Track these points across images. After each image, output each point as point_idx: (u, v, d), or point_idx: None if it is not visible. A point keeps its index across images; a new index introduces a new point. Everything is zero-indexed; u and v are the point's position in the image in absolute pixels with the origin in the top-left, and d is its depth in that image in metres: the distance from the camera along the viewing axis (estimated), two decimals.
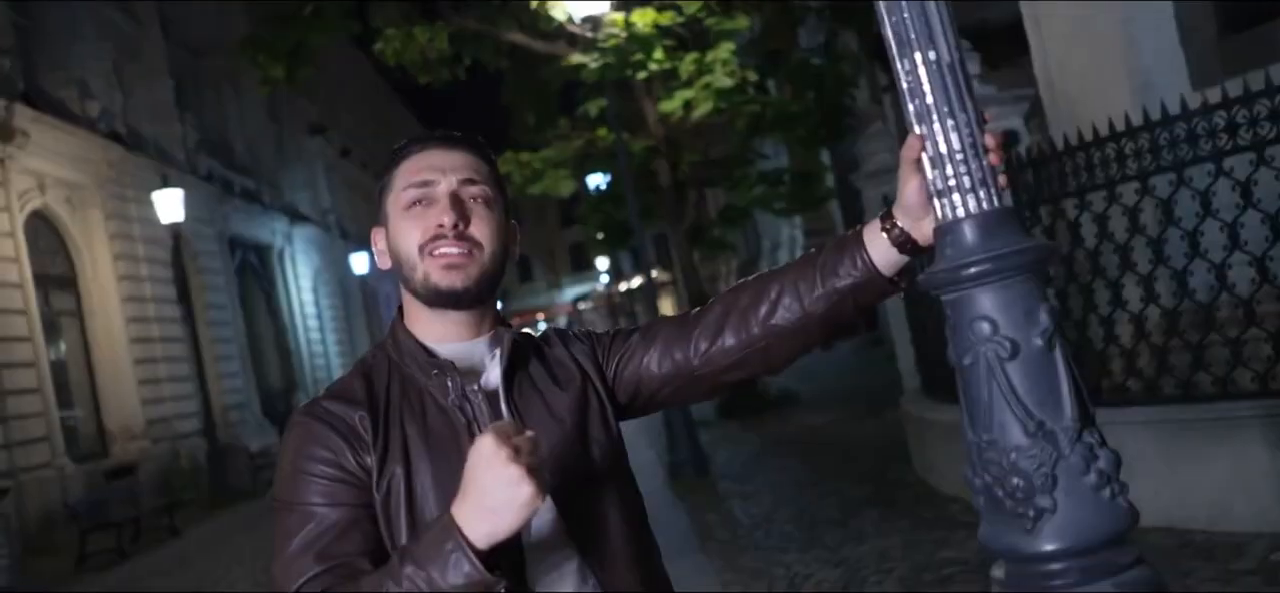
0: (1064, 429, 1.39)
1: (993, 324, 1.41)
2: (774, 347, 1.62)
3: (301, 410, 1.52)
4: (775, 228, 25.57)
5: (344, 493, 1.43)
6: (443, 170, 1.54)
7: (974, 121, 1.43)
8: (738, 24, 15.10)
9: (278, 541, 1.43)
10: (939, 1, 1.43)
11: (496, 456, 1.25)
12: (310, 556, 1.39)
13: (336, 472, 1.44)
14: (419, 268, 1.51)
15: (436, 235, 1.51)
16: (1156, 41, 6.54)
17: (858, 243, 1.56)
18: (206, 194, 23.16)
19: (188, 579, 10.00)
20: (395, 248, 1.55)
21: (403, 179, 1.55)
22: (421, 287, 1.52)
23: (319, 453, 1.45)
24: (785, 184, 17.42)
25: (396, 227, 1.54)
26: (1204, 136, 4.98)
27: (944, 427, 7.20)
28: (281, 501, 1.46)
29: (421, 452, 1.46)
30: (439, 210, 1.51)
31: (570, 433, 1.55)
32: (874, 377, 14.31)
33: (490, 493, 1.25)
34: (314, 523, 1.41)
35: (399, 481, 1.44)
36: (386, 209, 1.57)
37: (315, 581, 1.37)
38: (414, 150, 1.57)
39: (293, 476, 1.45)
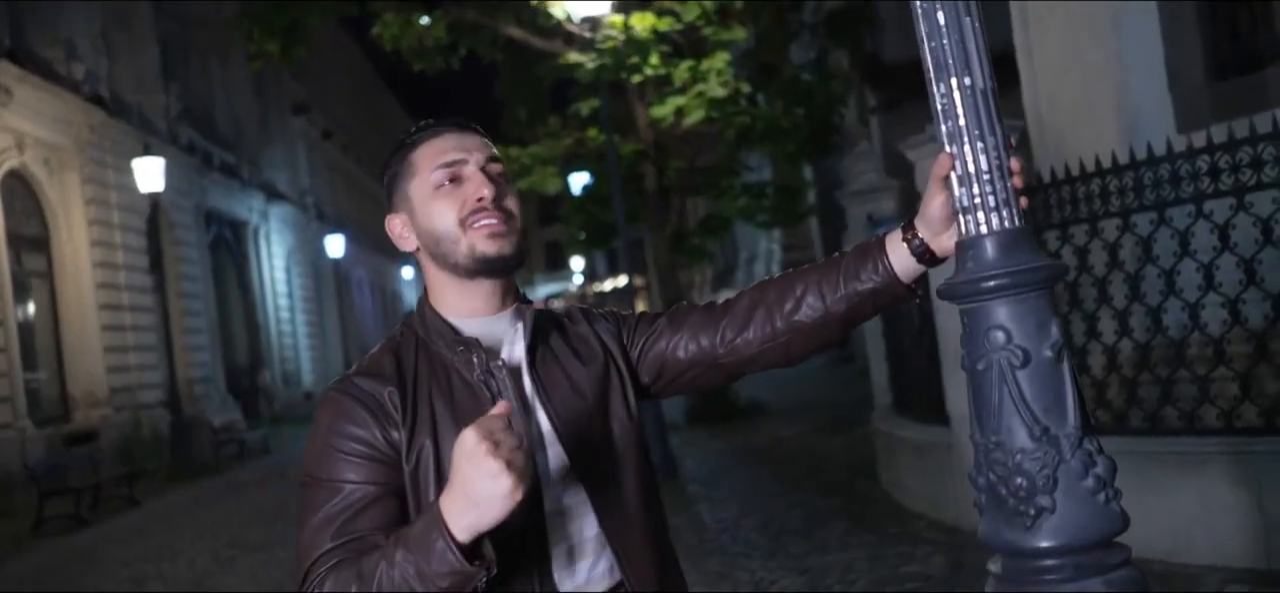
0: (1067, 436, 1.50)
1: (1007, 334, 1.51)
2: (795, 341, 1.71)
3: (334, 387, 1.57)
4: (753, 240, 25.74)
5: (371, 470, 1.49)
6: (466, 150, 1.60)
7: (1001, 145, 1.54)
8: (734, 35, 15.22)
9: (303, 513, 1.49)
10: (976, 32, 1.54)
11: (477, 450, 1.29)
12: (329, 530, 1.45)
13: (365, 448, 1.50)
14: (462, 240, 1.57)
15: (476, 208, 1.57)
16: (1145, 83, 6.71)
17: (880, 249, 1.67)
18: (186, 165, 23.01)
19: (146, 549, 9.97)
20: (427, 227, 1.60)
21: (428, 161, 1.60)
22: (465, 258, 1.57)
23: (349, 429, 1.50)
24: (768, 197, 17.56)
25: (428, 207, 1.59)
26: (1187, 178, 5.14)
27: (913, 444, 7.34)
28: (310, 475, 1.51)
29: (449, 426, 1.50)
30: (476, 184, 1.58)
31: (591, 407, 1.62)
32: (844, 392, 14.45)
33: (472, 486, 1.30)
34: (338, 498, 1.47)
35: (428, 454, 1.51)
36: (408, 193, 1.62)
37: (330, 554, 1.43)
38: (431, 135, 1.62)
39: (322, 451, 1.51)
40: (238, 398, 23.62)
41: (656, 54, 14.13)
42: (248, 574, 8.20)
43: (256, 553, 9.09)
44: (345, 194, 41.67)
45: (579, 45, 14.43)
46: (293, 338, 30.91)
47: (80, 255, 18.29)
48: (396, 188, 1.63)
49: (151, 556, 9.59)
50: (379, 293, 46.10)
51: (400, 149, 1.63)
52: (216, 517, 11.79)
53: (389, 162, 1.65)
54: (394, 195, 1.63)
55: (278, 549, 9.10)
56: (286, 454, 18.64)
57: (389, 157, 1.65)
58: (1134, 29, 6.81)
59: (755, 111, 15.71)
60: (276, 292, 29.99)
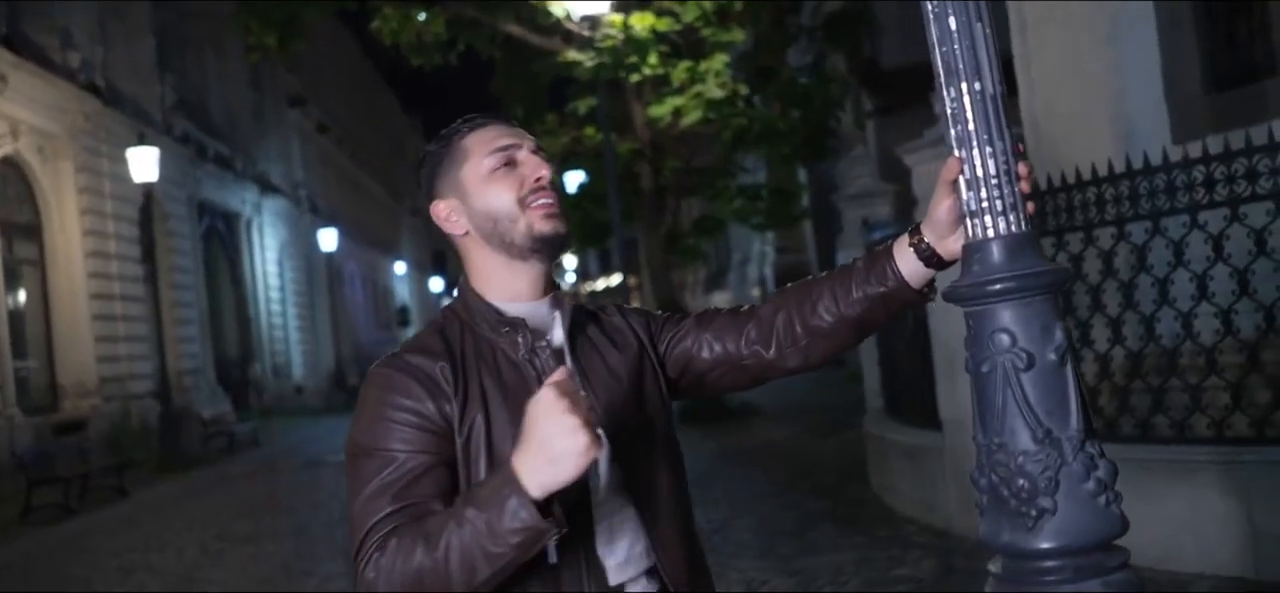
0: (1069, 439, 1.52)
1: (1012, 337, 1.53)
2: (813, 346, 1.76)
3: (383, 362, 1.59)
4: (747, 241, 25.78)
5: (423, 441, 1.51)
6: (518, 137, 1.67)
7: (1009, 150, 1.56)
8: (733, 37, 15.27)
9: (355, 485, 1.51)
10: (986, 37, 1.56)
11: (556, 405, 1.34)
12: (386, 497, 1.47)
13: (418, 420, 1.52)
14: (521, 219, 1.62)
15: (536, 188, 1.63)
16: (1143, 93, 6.75)
17: (888, 255, 1.70)
18: (180, 156, 22.94)
19: (134, 540, 9.95)
20: (483, 207, 1.64)
21: (481, 147, 1.66)
22: (523, 236, 1.62)
23: (401, 402, 1.53)
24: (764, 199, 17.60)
25: (483, 189, 1.64)
26: (1182, 189, 5.17)
27: (905, 448, 7.37)
28: (361, 446, 1.53)
29: (498, 401, 1.55)
30: (533, 166, 1.64)
31: (627, 392, 1.67)
32: (836, 396, 14.47)
33: (550, 442, 1.34)
34: (392, 467, 1.49)
35: (480, 427, 1.54)
36: (459, 177, 1.66)
37: (388, 519, 1.45)
38: (480, 125, 1.69)
39: (374, 422, 1.53)
40: (228, 390, 23.56)
41: (655, 54, 14.17)
42: (237, 567, 8.19)
43: (245, 546, 9.07)
44: (339, 188, 41.61)
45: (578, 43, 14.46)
46: (284, 331, 30.85)
47: (72, 244, 18.23)
48: (444, 174, 1.67)
49: (139, 546, 9.56)
50: (371, 288, 46.02)
51: (447, 139, 1.68)
52: (205, 509, 11.77)
53: (432, 152, 1.69)
54: (440, 182, 1.67)
55: (266, 542, 9.09)
56: (276, 447, 18.64)
57: (432, 147, 1.70)
58: (1132, 39, 6.84)
59: (752, 113, 15.75)
60: (268, 285, 29.94)
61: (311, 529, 9.60)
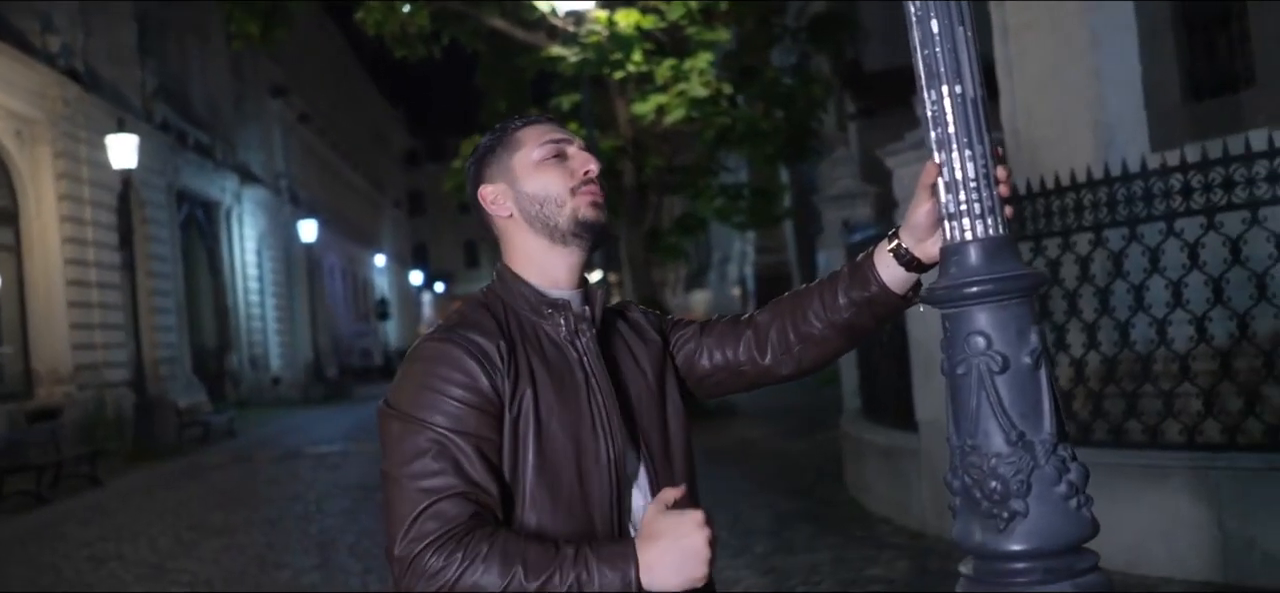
0: (1042, 442, 1.53)
1: (987, 339, 1.54)
2: (806, 353, 1.84)
3: (439, 335, 1.61)
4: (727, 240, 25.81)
5: (472, 419, 1.53)
6: (570, 136, 1.76)
7: (988, 154, 1.57)
8: (718, 36, 15.28)
9: (398, 455, 1.52)
10: (968, 41, 1.57)
11: (700, 533, 1.46)
12: (440, 479, 1.50)
13: (474, 398, 1.55)
14: (569, 204, 1.68)
15: (584, 178, 1.70)
16: (1122, 100, 6.80)
17: (870, 261, 1.76)
18: (160, 143, 22.77)
19: (106, 529, 9.88)
20: (533, 191, 1.70)
21: (534, 139, 1.73)
22: (568, 221, 1.69)
23: (457, 377, 1.55)
24: (745, 199, 17.63)
25: (534, 174, 1.70)
26: (1159, 196, 5.22)
27: (881, 449, 7.41)
28: (410, 417, 1.54)
29: (545, 380, 1.60)
30: (583, 160, 1.72)
31: (652, 385, 1.74)
32: (813, 396, 14.53)
33: (684, 562, 1.45)
34: (442, 448, 1.51)
35: (529, 404, 1.57)
36: (510, 164, 1.72)
37: (446, 507, 1.48)
38: (535, 120, 1.77)
39: (424, 393, 1.55)
40: (204, 380, 23.41)
41: (639, 51, 14.16)
42: (209, 557, 8.14)
43: (218, 536, 9.03)
44: (320, 179, 41.40)
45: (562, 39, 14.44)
46: (262, 322, 30.68)
47: (49, 230, 18.07)
48: (495, 160, 1.73)
49: (112, 535, 9.49)
50: (350, 280, 45.83)
51: (502, 131, 1.76)
52: (179, 498, 11.70)
53: (485, 143, 1.77)
54: (490, 168, 1.73)
55: (239, 534, 9.05)
56: (251, 438, 18.54)
57: (484, 142, 1.77)
58: (1113, 47, 6.90)
59: (735, 113, 15.77)
60: (247, 275, 29.76)
61: (285, 521, 9.55)
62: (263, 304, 30.96)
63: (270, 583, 7.07)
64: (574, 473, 1.58)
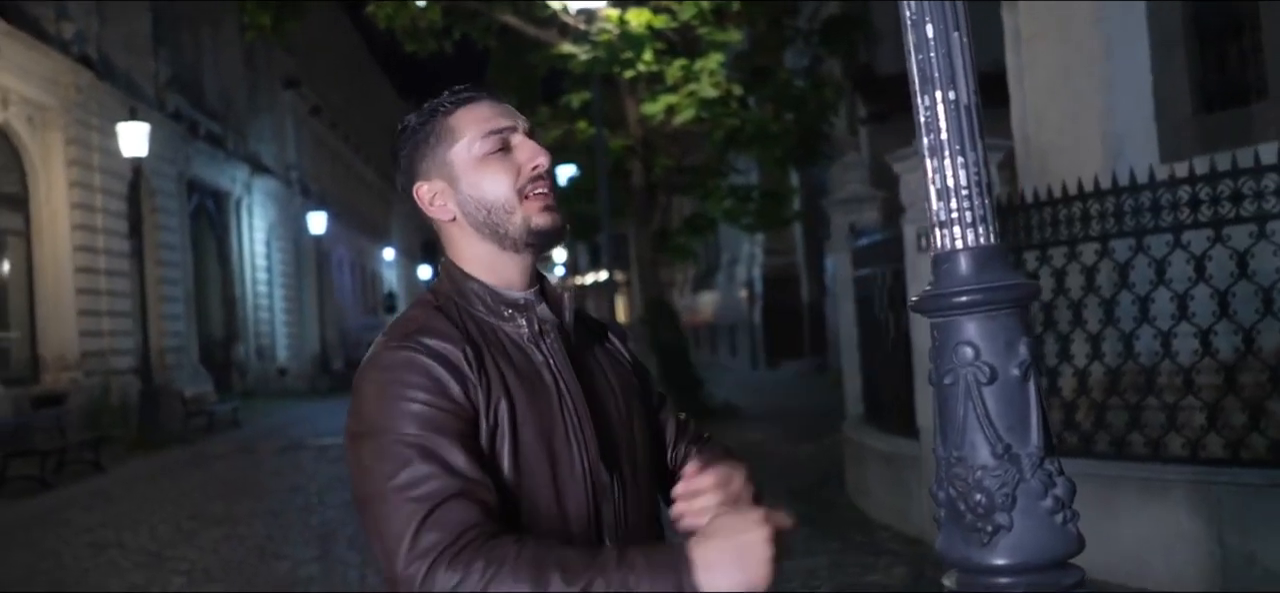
0: (1028, 455, 1.51)
1: (975, 350, 1.52)
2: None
3: (398, 343, 1.43)
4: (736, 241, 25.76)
5: (449, 423, 1.38)
6: (511, 118, 1.55)
7: (981, 161, 1.55)
8: (729, 37, 15.27)
9: (376, 473, 1.35)
10: (963, 46, 1.55)
11: (759, 530, 1.30)
12: (434, 485, 1.33)
13: (441, 401, 1.39)
14: (518, 210, 1.51)
15: (533, 177, 1.52)
16: (1132, 111, 6.76)
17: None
18: (172, 132, 22.82)
19: (108, 516, 9.89)
20: (476, 195, 1.52)
21: (474, 128, 1.53)
22: (519, 230, 1.51)
23: (421, 382, 1.39)
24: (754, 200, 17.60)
25: (477, 174, 1.52)
26: (1167, 208, 5.19)
27: (883, 455, 7.38)
28: (378, 428, 1.37)
29: (516, 386, 1.45)
30: (531, 153, 1.53)
31: (621, 405, 1.58)
32: (816, 400, 14.49)
33: (743, 561, 1.28)
34: (431, 458, 1.34)
35: (505, 414, 1.43)
36: (448, 159, 1.54)
37: (449, 518, 1.30)
38: (467, 100, 1.56)
39: (387, 402, 1.38)
40: (211, 370, 23.42)
41: (650, 50, 14.15)
42: (209, 547, 8.15)
43: (219, 526, 9.03)
44: (330, 171, 41.47)
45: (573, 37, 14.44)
46: (269, 313, 30.72)
47: (59, 217, 18.11)
48: (429, 154, 1.55)
49: (113, 522, 9.51)
50: (359, 273, 45.90)
51: (432, 115, 1.55)
52: (181, 487, 11.72)
53: (414, 128, 1.57)
54: (423, 162, 1.55)
55: (240, 524, 9.06)
56: (256, 429, 18.57)
57: (413, 123, 1.57)
58: (1124, 57, 6.86)
59: (745, 114, 15.75)
60: (256, 265, 29.81)
61: (287, 513, 9.56)
62: (271, 295, 31.01)
63: (269, 574, 7.07)
64: (550, 486, 1.44)
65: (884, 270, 7.62)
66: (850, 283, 8.94)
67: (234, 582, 6.90)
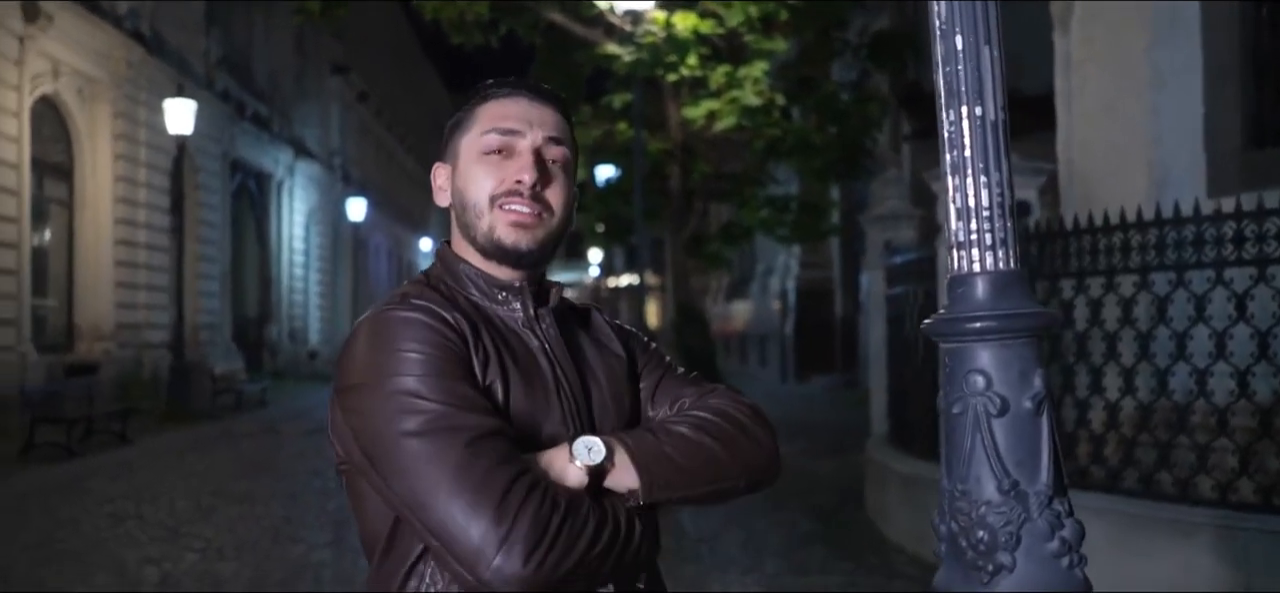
0: (1036, 493, 1.43)
1: (987, 379, 1.44)
2: None
3: (391, 307, 1.40)
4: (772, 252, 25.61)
5: (475, 388, 1.36)
6: (529, 123, 1.50)
7: (1006, 181, 1.47)
8: (776, 46, 15.18)
9: (412, 433, 1.29)
10: (994, 61, 1.47)
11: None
12: (494, 440, 1.30)
13: (443, 356, 1.35)
14: (485, 218, 1.48)
15: (512, 190, 1.47)
16: (1181, 142, 6.61)
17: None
18: (218, 112, 23.05)
19: (130, 487, 9.95)
20: (462, 190, 1.50)
21: (485, 121, 1.51)
22: (483, 238, 1.48)
23: (424, 336, 1.36)
24: (792, 212, 17.48)
25: (469, 170, 1.50)
26: (1210, 243, 5.04)
27: (904, 477, 7.25)
28: (384, 377, 1.33)
29: (511, 368, 1.42)
30: (520, 165, 1.47)
31: (606, 396, 1.54)
32: (842, 417, 14.35)
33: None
34: (464, 412, 1.31)
35: (498, 394, 1.40)
36: (458, 147, 1.53)
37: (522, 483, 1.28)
38: (501, 94, 1.53)
39: (390, 355, 1.34)
40: (243, 349, 23.64)
41: (695, 55, 14.10)
42: (225, 525, 8.16)
43: (237, 505, 9.06)
44: (373, 159, 41.76)
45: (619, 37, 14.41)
46: (304, 296, 30.97)
47: (102, 188, 18.34)
48: (451, 138, 1.54)
49: (134, 494, 9.57)
50: (395, 262, 46.20)
51: (471, 99, 1.55)
52: (205, 463, 11.79)
53: (460, 109, 1.56)
54: (448, 143, 1.55)
55: (258, 504, 9.08)
56: (283, 410, 18.68)
57: (463, 103, 1.57)
58: (1176, 87, 6.70)
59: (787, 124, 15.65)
60: (293, 248, 30.06)
61: (305, 496, 9.57)
62: (306, 278, 31.26)
63: (281, 556, 7.07)
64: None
65: (916, 290, 7.50)
66: (882, 300, 8.82)
67: (246, 561, 6.90)
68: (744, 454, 1.54)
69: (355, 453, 1.37)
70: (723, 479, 1.50)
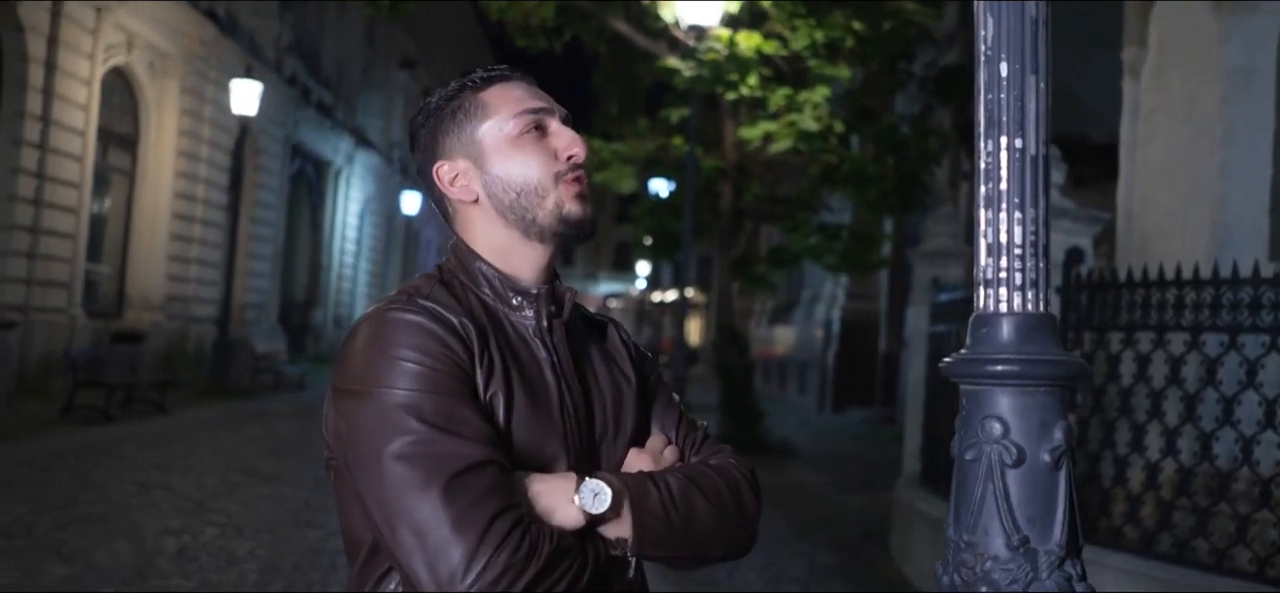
0: (1048, 553, 1.34)
1: (1005, 427, 1.36)
2: None
3: (394, 307, 1.34)
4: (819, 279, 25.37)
5: (458, 386, 1.30)
6: (550, 103, 1.49)
7: (1041, 219, 1.39)
8: (839, 72, 15.01)
9: (377, 436, 1.26)
10: (1039, 93, 1.39)
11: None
12: (493, 491, 1.25)
13: (447, 367, 1.30)
14: (551, 195, 1.44)
15: (572, 165, 1.45)
16: (1246, 202, 6.40)
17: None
18: (284, 96, 23.37)
19: (161, 457, 10.03)
20: (505, 176, 1.44)
21: (506, 106, 1.46)
22: (550, 216, 1.44)
23: (426, 345, 1.30)
24: (842, 240, 17.28)
25: (509, 154, 1.44)
26: (1267, 307, 4.86)
27: (933, 521, 7.08)
28: (380, 388, 1.28)
29: (516, 378, 1.36)
30: (568, 141, 1.46)
31: (609, 412, 1.49)
32: (876, 452, 14.13)
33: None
34: (461, 435, 1.26)
35: (500, 405, 1.34)
36: (477, 136, 1.46)
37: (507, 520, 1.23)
38: (501, 78, 1.50)
39: (391, 363, 1.29)
40: (287, 331, 23.89)
41: (756, 75, 13.99)
42: (249, 502, 8.19)
43: (264, 483, 9.10)
44: None
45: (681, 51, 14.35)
46: (352, 284, 31.25)
47: (164, 162, 18.65)
48: (454, 131, 1.46)
49: (165, 464, 9.65)
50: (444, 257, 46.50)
51: (460, 91, 1.48)
52: (237, 439, 11.88)
53: (439, 104, 1.49)
54: (447, 139, 1.47)
55: (283, 484, 9.10)
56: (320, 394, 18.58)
57: (437, 99, 1.50)
58: (1245, 146, 6.48)
59: (843, 153, 15.49)
60: (346, 236, 30.37)
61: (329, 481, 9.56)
62: (356, 267, 31.56)
63: (300, 539, 7.06)
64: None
65: (959, 329, 7.34)
66: (924, 338, 8.65)
67: (264, 541, 6.90)
68: (731, 523, 1.49)
69: (340, 456, 1.34)
70: (708, 547, 1.46)
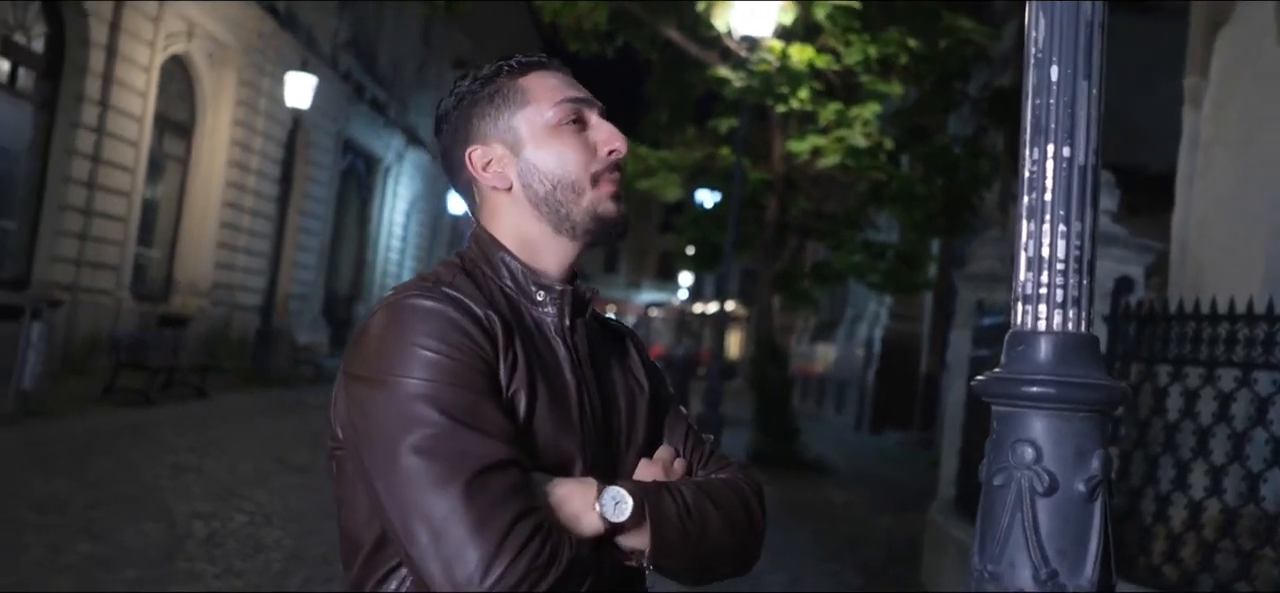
0: (1078, 589, 1.24)
1: (1037, 452, 1.27)
2: None
3: (418, 293, 1.29)
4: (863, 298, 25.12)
5: (480, 382, 1.24)
6: (587, 93, 1.44)
7: (1088, 234, 1.29)
8: (892, 89, 14.84)
9: (392, 425, 1.21)
10: (1092, 100, 1.30)
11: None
12: (511, 490, 1.20)
13: (471, 359, 1.25)
14: (588, 194, 1.39)
15: (609, 163, 1.40)
16: None
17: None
18: (338, 91, 23.59)
19: (197, 441, 10.11)
20: (543, 166, 1.39)
21: (546, 94, 1.41)
22: (584, 215, 1.39)
23: (449, 335, 1.25)
24: (887, 260, 17.07)
25: (547, 144, 1.39)
26: None
27: (963, 547, 6.93)
28: (426, 401, 1.21)
29: (538, 375, 1.31)
30: (608, 135, 1.41)
31: (622, 418, 1.44)
32: (910, 475, 13.94)
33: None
34: (480, 432, 1.21)
35: (521, 404, 1.29)
36: (514, 123, 1.40)
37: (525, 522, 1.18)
38: (541, 66, 1.44)
39: (411, 349, 1.23)
40: (330, 324, 24.08)
41: (807, 88, 13.85)
42: (279, 491, 8.21)
43: (295, 474, 9.13)
44: None
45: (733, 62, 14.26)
46: (397, 281, 31.20)
47: (218, 151, 18.90)
48: (490, 116, 1.41)
49: (200, 448, 9.73)
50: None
51: (497, 74, 1.43)
52: (273, 428, 11.96)
53: (474, 87, 1.42)
54: (481, 123, 1.41)
55: (314, 475, 9.10)
56: None
57: (470, 83, 1.43)
58: None
59: (892, 171, 15.29)
60: (392, 233, 30.58)
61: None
62: (401, 264, 31.76)
63: (327, 531, 7.04)
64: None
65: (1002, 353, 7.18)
66: (966, 362, 8.48)
67: (291, 531, 6.90)
68: (741, 537, 1.44)
69: (352, 447, 1.29)
70: (718, 560, 1.41)
